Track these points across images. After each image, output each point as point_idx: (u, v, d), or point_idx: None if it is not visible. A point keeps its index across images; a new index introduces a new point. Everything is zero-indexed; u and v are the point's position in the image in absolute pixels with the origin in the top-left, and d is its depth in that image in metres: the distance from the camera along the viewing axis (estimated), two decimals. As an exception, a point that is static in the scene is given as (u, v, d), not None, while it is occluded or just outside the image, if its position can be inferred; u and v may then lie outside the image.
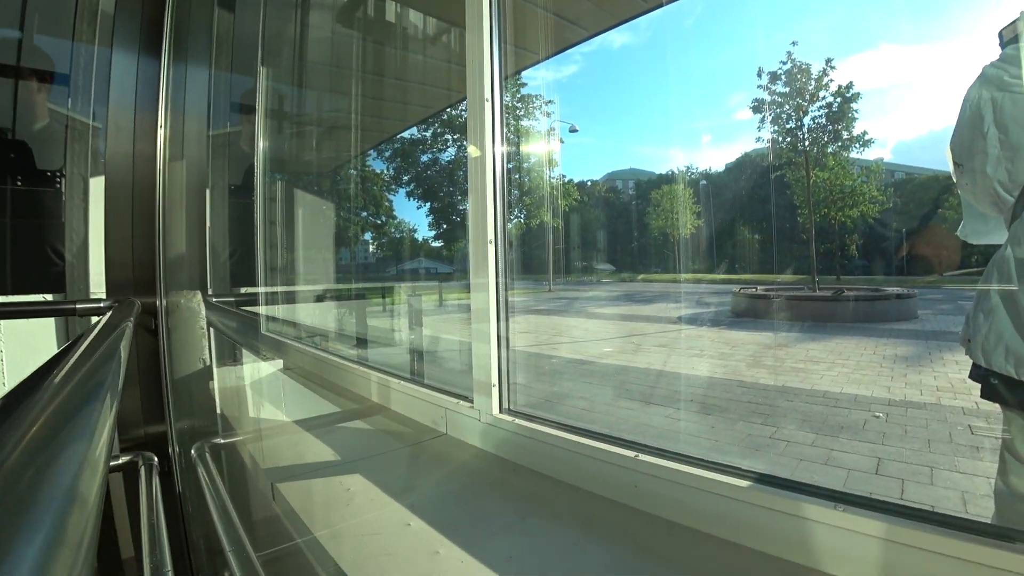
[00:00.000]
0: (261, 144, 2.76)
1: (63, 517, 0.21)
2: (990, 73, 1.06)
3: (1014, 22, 1.06)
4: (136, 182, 2.27)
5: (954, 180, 1.21)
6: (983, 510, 2.32)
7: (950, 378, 4.25)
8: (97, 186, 2.33)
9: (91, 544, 0.23)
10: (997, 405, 1.07)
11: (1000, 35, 1.09)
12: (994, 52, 1.10)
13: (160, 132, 2.30)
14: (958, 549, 0.59)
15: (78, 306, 1.76)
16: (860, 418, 3.57)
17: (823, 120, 8.74)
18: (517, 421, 1.12)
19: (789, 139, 9.12)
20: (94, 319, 1.83)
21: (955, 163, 1.17)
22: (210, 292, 2.57)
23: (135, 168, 2.27)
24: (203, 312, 2.49)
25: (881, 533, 0.64)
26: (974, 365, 1.11)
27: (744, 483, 0.77)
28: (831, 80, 8.52)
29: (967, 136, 1.10)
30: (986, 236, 1.23)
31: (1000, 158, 1.02)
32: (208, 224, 2.59)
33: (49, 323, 2.62)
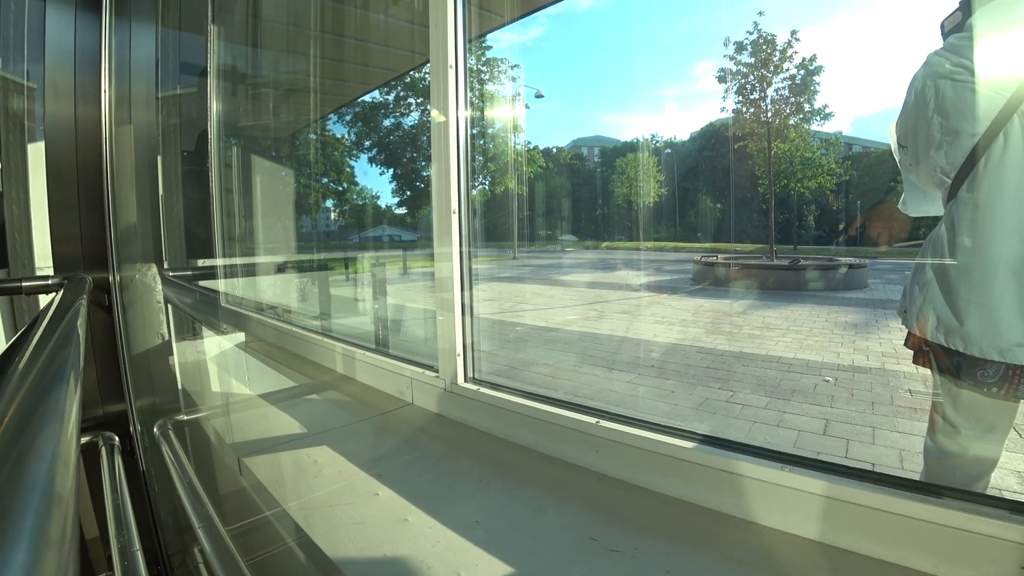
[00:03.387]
0: (215, 107, 2.64)
1: (47, 508, 0.21)
2: (933, 61, 1.10)
3: (954, 12, 1.10)
4: (80, 148, 2.13)
5: (897, 159, 1.27)
6: (917, 466, 2.50)
7: (894, 344, 4.52)
8: (36, 152, 2.18)
9: (74, 530, 0.23)
10: (928, 370, 1.16)
11: (942, 25, 1.13)
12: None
13: (104, 95, 2.16)
14: (892, 504, 0.65)
15: (24, 284, 1.66)
16: (811, 382, 3.77)
17: (786, 92, 8.89)
18: (481, 389, 1.15)
19: (752, 110, 9.25)
20: (42, 297, 1.75)
21: (899, 144, 1.22)
22: (166, 265, 2.48)
23: (78, 132, 2.13)
24: (159, 287, 2.40)
25: (824, 491, 0.70)
26: (909, 333, 1.19)
27: (699, 447, 0.81)
28: (795, 52, 8.64)
29: (912, 119, 1.15)
30: (926, 209, 1.31)
31: (941, 142, 1.08)
32: (161, 193, 2.48)
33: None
